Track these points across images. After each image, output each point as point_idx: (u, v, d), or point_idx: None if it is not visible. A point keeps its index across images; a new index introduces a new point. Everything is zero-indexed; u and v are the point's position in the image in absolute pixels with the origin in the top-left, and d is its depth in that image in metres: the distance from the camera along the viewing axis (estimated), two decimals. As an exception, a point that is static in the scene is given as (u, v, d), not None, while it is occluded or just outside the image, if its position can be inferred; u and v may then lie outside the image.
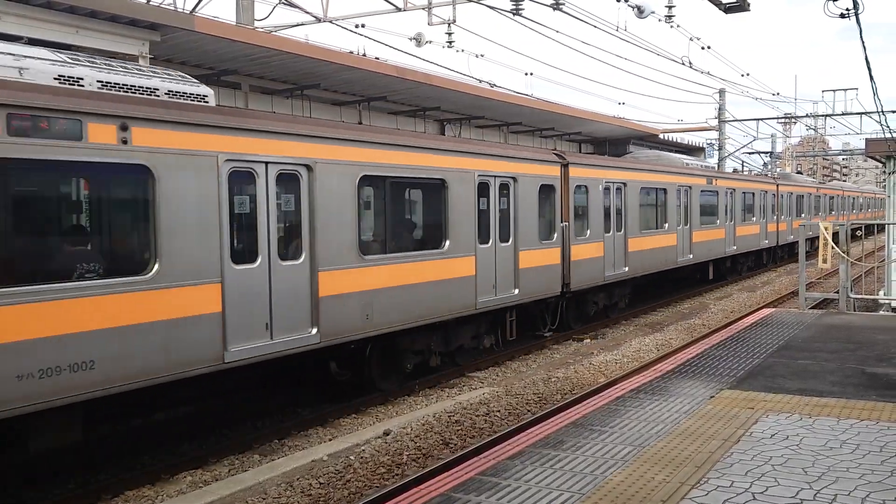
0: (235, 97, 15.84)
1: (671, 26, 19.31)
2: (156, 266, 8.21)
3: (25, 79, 7.61)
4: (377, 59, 18.37)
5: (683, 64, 25.99)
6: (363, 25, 19.23)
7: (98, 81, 8.28)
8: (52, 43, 10.97)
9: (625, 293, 20.51)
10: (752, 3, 9.29)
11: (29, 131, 7.11)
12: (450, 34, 19.88)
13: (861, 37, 11.43)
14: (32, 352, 7.07)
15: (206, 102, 9.39)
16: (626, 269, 19.40)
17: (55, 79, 7.92)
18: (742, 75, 72.71)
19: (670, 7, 18.50)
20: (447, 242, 12.85)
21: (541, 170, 15.65)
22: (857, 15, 9.61)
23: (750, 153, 46.75)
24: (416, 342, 12.71)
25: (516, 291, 14.71)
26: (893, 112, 37.16)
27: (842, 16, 9.43)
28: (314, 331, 10.12)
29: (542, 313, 17.00)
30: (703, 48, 28.07)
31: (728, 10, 9.46)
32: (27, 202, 7.45)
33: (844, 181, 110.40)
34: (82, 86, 8.09)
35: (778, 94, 51.04)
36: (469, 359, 14.42)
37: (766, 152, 50.23)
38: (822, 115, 42.77)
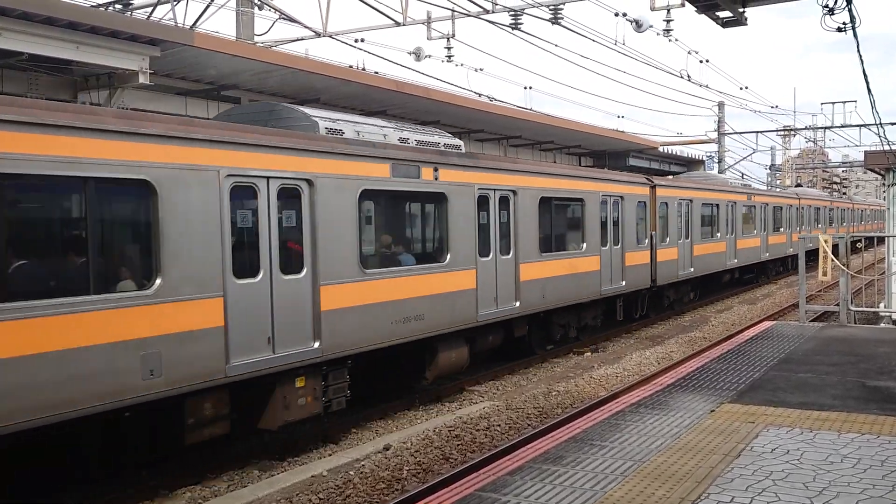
0: (235, 112, 15.86)
1: (669, 40, 19.37)
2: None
3: (387, 141, 11.89)
4: (377, 73, 18.44)
5: (682, 77, 26.08)
6: (363, 40, 19.31)
7: (416, 141, 12.54)
8: (53, 58, 11.03)
9: (688, 290, 24.66)
10: (748, 18, 9.33)
11: (399, 173, 11.49)
12: (449, 48, 19.95)
13: (858, 50, 11.48)
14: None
15: (460, 149, 13.46)
16: (692, 269, 23.53)
17: (398, 140, 12.20)
18: (741, 88, 73.10)
19: (668, 21, 18.55)
20: (579, 245, 16.61)
21: (639, 190, 20.25)
22: (854, 29, 9.64)
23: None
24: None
25: (623, 283, 19.07)
26: (892, 124, 37.29)
27: (839, 29, 9.46)
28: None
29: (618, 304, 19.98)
30: (701, 61, 28.21)
31: (725, 24, 9.48)
32: (393, 217, 12.18)
33: (844, 193, 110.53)
34: (410, 143, 12.29)
35: (777, 106, 51.26)
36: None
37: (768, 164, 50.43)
38: (822, 128, 42.90)
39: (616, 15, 18.86)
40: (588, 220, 17.21)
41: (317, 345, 10.12)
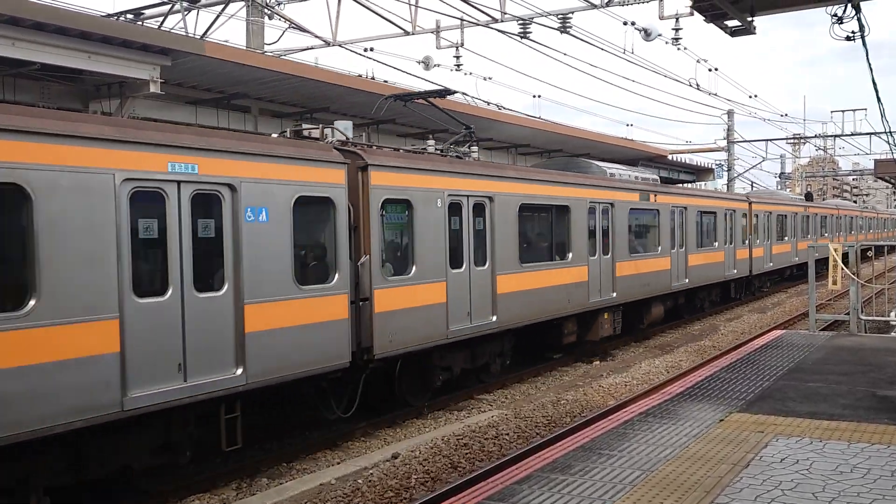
0: (245, 120, 15.96)
1: (678, 49, 19.38)
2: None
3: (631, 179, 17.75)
4: (386, 82, 18.50)
5: (691, 86, 26.08)
6: (372, 49, 19.41)
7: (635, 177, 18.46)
8: (65, 68, 11.12)
9: (716, 291, 26.68)
10: (756, 27, 9.34)
11: (642, 198, 16.62)
12: (458, 57, 20.03)
13: (868, 59, 11.45)
14: None
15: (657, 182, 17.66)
16: (772, 263, 28.81)
17: (635, 177, 18.89)
18: (750, 97, 72.93)
19: (677, 30, 18.58)
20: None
21: (741, 205, 25.71)
22: (863, 37, 9.63)
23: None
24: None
25: (735, 271, 24.30)
26: (903, 132, 37.05)
27: (848, 38, 9.44)
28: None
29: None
30: (710, 70, 28.18)
31: (734, 33, 9.49)
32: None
33: (854, 202, 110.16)
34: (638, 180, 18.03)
35: (786, 115, 51.05)
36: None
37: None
38: (832, 136, 42.77)
39: (625, 24, 18.91)
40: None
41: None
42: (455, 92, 15.75)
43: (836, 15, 9.23)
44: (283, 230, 9.58)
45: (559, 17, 17.55)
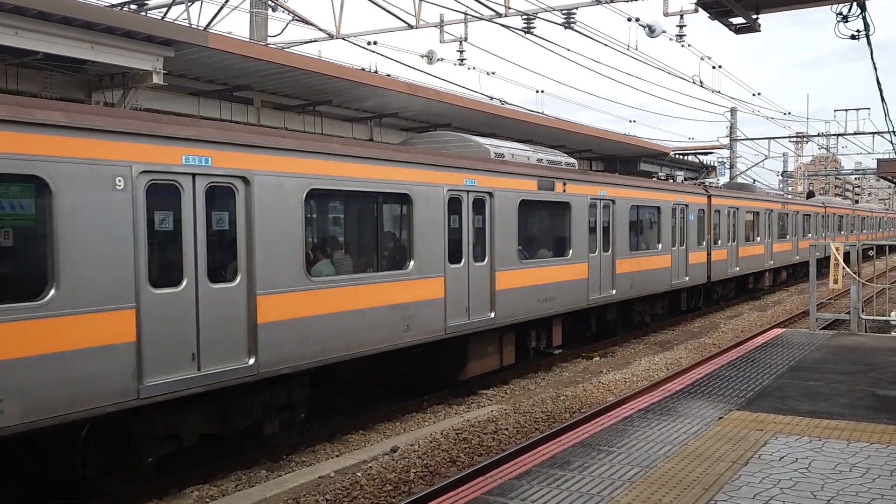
0: (248, 113, 15.93)
1: (682, 45, 19.35)
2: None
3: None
4: (389, 75, 18.47)
5: (694, 83, 26.04)
6: (375, 42, 19.41)
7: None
8: (68, 58, 11.10)
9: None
10: (762, 24, 9.32)
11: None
12: (461, 51, 20.03)
13: (872, 58, 11.45)
14: None
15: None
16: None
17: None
18: (753, 94, 72.73)
19: (681, 27, 18.55)
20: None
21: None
22: (868, 36, 9.62)
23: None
24: None
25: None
26: (906, 132, 37.01)
27: (852, 37, 9.43)
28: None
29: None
30: (713, 67, 28.13)
31: (738, 30, 9.47)
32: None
33: (857, 201, 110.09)
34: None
35: (789, 113, 50.99)
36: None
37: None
38: (834, 135, 42.72)
39: (629, 20, 18.89)
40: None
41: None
42: None
43: (841, 13, 9.22)
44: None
45: (563, 12, 17.52)
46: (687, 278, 22.10)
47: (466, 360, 13.41)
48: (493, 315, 13.53)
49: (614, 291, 17.93)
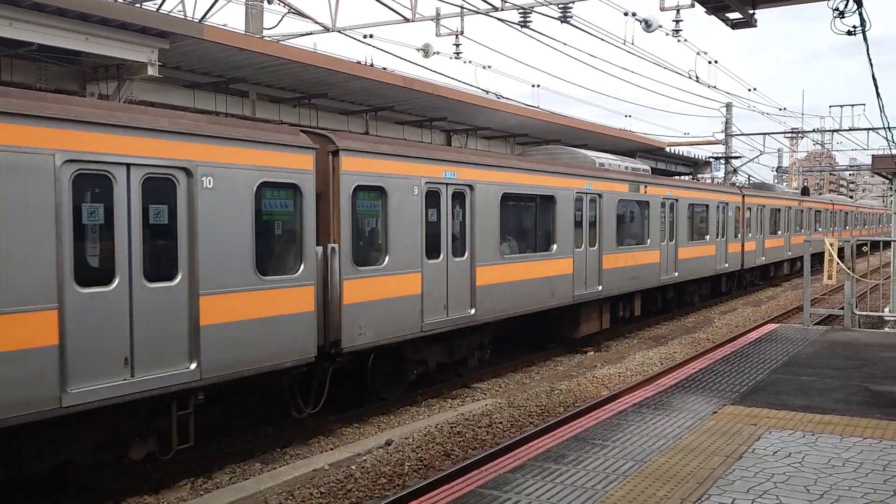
0: (243, 105, 15.90)
1: (678, 40, 19.34)
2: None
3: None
4: (385, 69, 18.44)
5: (690, 78, 26.05)
6: (371, 35, 19.35)
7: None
8: (62, 49, 11.05)
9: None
10: (758, 19, 9.31)
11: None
12: (457, 45, 19.99)
13: (868, 54, 11.45)
14: None
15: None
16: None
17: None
18: (749, 90, 72.85)
19: (678, 21, 18.54)
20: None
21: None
22: (864, 32, 9.63)
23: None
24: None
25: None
26: (901, 128, 37.06)
27: (849, 33, 9.44)
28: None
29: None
30: (710, 62, 28.14)
31: (735, 25, 9.46)
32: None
33: (851, 197, 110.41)
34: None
35: (785, 108, 51.02)
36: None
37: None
38: (829, 130, 42.76)
39: (625, 14, 18.88)
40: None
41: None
42: None
43: (837, 9, 9.22)
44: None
45: (560, 6, 17.49)
46: (727, 265, 26.53)
47: (579, 322, 17.25)
48: (600, 288, 17.54)
49: (676, 274, 22.10)
